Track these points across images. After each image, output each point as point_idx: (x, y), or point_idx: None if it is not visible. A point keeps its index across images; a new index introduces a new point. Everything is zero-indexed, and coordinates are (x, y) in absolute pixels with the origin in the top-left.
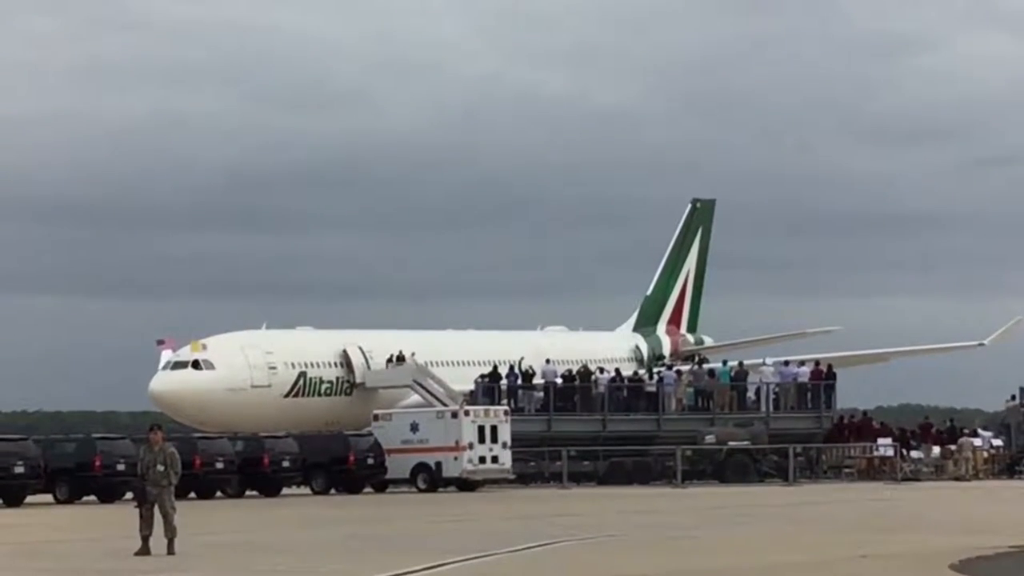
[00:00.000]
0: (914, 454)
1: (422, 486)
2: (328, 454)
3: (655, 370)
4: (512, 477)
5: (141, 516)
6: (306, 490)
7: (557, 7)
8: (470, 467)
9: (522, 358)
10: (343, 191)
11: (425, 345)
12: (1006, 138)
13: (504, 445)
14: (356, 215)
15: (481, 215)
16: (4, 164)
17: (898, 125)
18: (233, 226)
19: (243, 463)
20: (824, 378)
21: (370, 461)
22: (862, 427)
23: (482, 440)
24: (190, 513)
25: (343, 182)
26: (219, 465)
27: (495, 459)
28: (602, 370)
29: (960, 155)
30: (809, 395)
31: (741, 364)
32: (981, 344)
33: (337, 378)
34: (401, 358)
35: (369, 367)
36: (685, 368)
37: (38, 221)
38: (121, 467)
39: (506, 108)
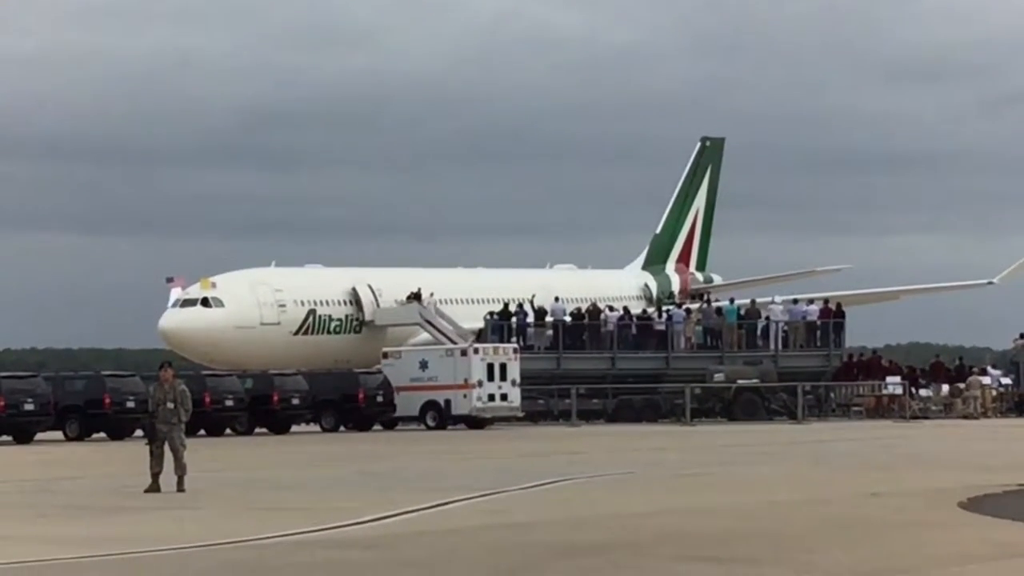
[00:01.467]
0: (923, 392)
1: (431, 424)
2: (337, 392)
3: (664, 308)
4: (521, 415)
5: (151, 453)
6: (315, 427)
7: None
8: (479, 405)
9: (534, 295)
10: (354, 130)
11: (434, 283)
12: (1018, 77)
13: (513, 383)
14: (367, 154)
15: (492, 154)
16: (13, 102)
17: (910, 64)
18: (243, 165)
19: (252, 400)
20: (833, 316)
21: (379, 399)
22: (871, 365)
23: (491, 378)
24: (200, 450)
25: (354, 121)
26: (229, 403)
27: (504, 397)
28: (611, 308)
29: (972, 94)
30: (818, 333)
31: (753, 303)
32: (990, 282)
33: (346, 316)
34: (417, 295)
35: (378, 305)
36: (694, 306)
37: (49, 160)
38: (131, 404)
39: (518, 47)
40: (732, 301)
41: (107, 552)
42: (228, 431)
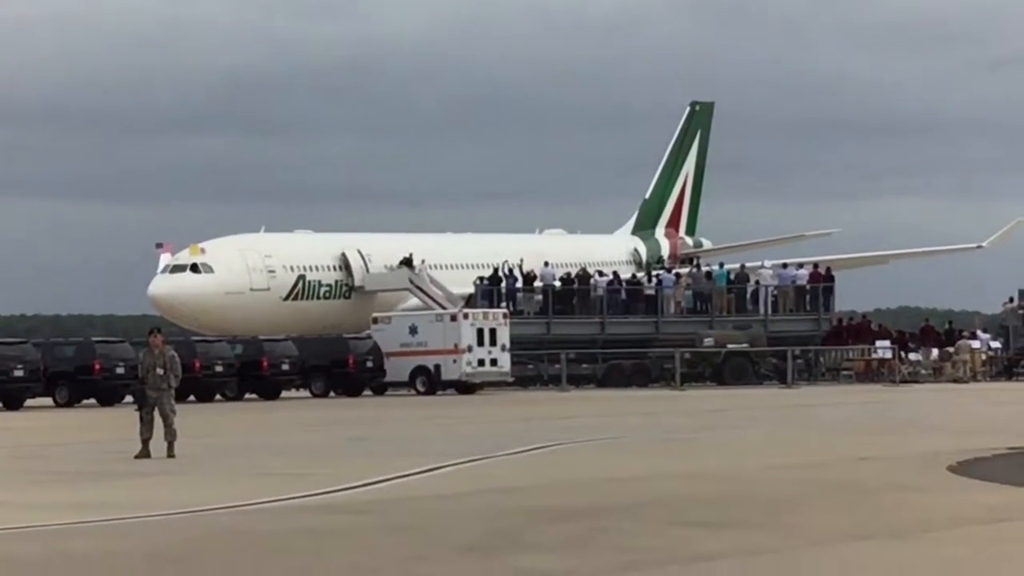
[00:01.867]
0: (912, 356)
1: (421, 389)
2: (327, 357)
3: (654, 273)
4: (511, 380)
5: (141, 419)
6: (305, 393)
7: None
8: (469, 370)
9: (522, 260)
10: (344, 96)
11: (424, 248)
12: (1008, 42)
13: (503, 348)
14: (357, 120)
15: (481, 119)
16: (1, 68)
17: (900, 29)
18: (233, 131)
19: (242, 366)
20: (822, 281)
21: (369, 364)
22: (860, 329)
23: (481, 343)
24: (190, 416)
25: (344, 87)
26: (218, 368)
27: (494, 362)
28: (601, 273)
29: (962, 59)
30: (808, 298)
31: (742, 267)
32: (980, 246)
33: (336, 281)
34: (409, 261)
35: (368, 270)
36: (684, 271)
37: (38, 125)
38: (120, 370)
39: (508, 13)
40: (722, 265)
41: (98, 518)
42: (218, 397)
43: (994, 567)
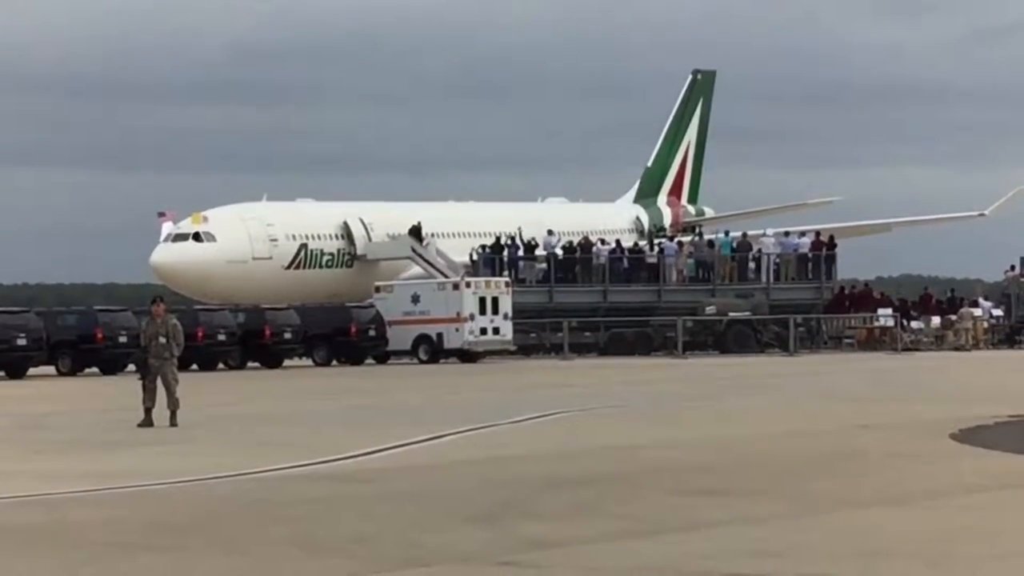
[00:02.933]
0: (914, 324)
1: (423, 357)
2: (330, 326)
3: (656, 241)
4: (513, 348)
5: (144, 388)
6: (308, 362)
7: None
8: (471, 338)
9: (520, 228)
10: (346, 65)
11: (426, 217)
12: (1012, 9)
13: (505, 316)
14: (359, 88)
15: (483, 88)
16: (3, 38)
17: None
18: (236, 99)
19: (245, 335)
20: (825, 249)
21: (371, 333)
22: (863, 297)
23: (483, 311)
24: (192, 385)
25: (346, 56)
26: (221, 337)
27: (496, 330)
28: (603, 241)
29: (963, 26)
30: (810, 266)
31: (745, 235)
32: (982, 214)
33: (338, 250)
34: (417, 231)
35: (370, 239)
36: (686, 239)
37: (39, 95)
38: (123, 339)
39: None
40: (727, 234)
41: (101, 486)
42: (221, 365)
43: (996, 534)
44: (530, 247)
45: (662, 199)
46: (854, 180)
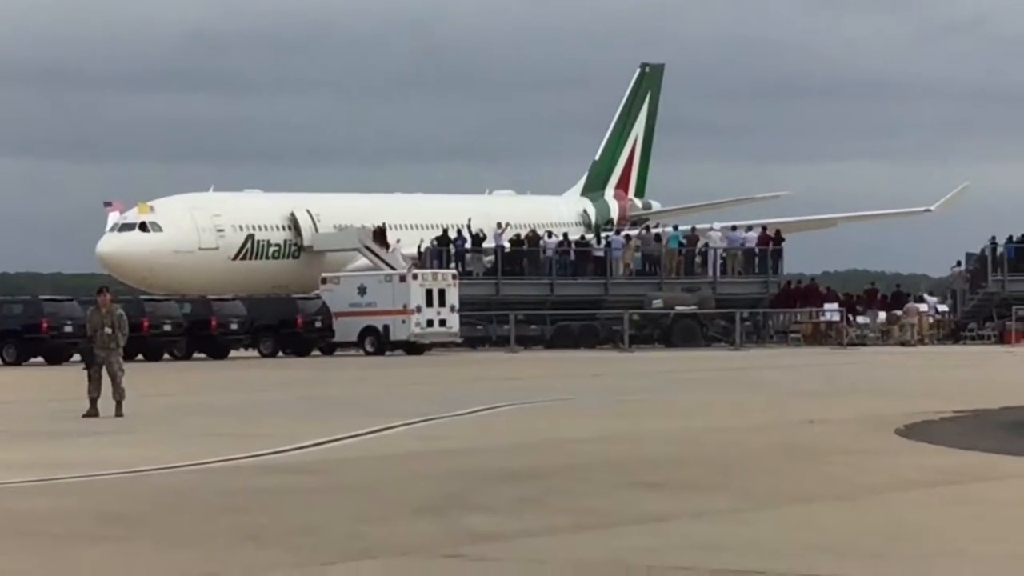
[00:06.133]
0: (860, 319)
1: (370, 349)
2: (276, 317)
3: (603, 234)
4: (459, 341)
5: (89, 378)
6: (254, 353)
7: None
8: (418, 330)
9: (470, 220)
10: (296, 55)
11: (374, 208)
12: (962, 5)
13: (452, 309)
14: (309, 79)
15: (432, 81)
16: None
17: None
18: (184, 89)
19: (191, 325)
20: (771, 243)
21: (318, 324)
22: (809, 292)
23: (430, 304)
24: (138, 375)
25: (298, 47)
26: (167, 327)
27: (443, 323)
28: (550, 234)
29: (913, 23)
30: (756, 260)
31: (692, 230)
32: (928, 210)
33: (285, 241)
34: (382, 232)
35: (317, 230)
36: (633, 233)
37: None
38: (68, 329)
39: None
40: (676, 228)
41: (46, 477)
42: (166, 356)
43: (940, 529)
44: (478, 240)
45: (609, 192)
46: (803, 175)
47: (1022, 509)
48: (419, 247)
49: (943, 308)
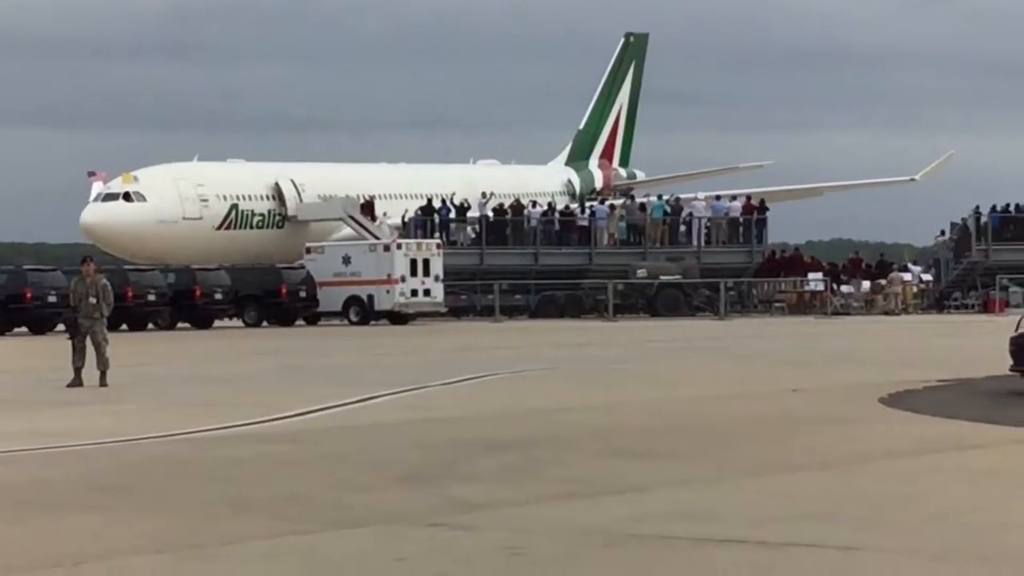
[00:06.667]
0: (844, 289)
1: (354, 319)
2: (260, 287)
3: (587, 204)
4: (444, 310)
5: (73, 348)
6: (238, 322)
7: None
8: (402, 300)
9: (454, 193)
10: (280, 25)
11: (358, 178)
12: None
13: (436, 278)
14: (293, 49)
15: (416, 50)
16: None
17: None
18: (167, 59)
19: (175, 295)
20: (756, 212)
21: (302, 294)
22: (793, 261)
23: (414, 273)
24: (122, 345)
25: (282, 16)
26: (151, 297)
27: (427, 292)
28: (534, 204)
29: None
30: (741, 230)
31: (676, 199)
32: (912, 179)
33: (269, 211)
34: (370, 206)
35: (301, 200)
36: (618, 202)
37: None
38: (52, 299)
39: None
40: (660, 197)
41: (32, 446)
42: (150, 326)
43: (923, 497)
44: (462, 209)
45: (594, 162)
46: (788, 144)
47: (1005, 477)
48: (403, 217)
49: (927, 277)
